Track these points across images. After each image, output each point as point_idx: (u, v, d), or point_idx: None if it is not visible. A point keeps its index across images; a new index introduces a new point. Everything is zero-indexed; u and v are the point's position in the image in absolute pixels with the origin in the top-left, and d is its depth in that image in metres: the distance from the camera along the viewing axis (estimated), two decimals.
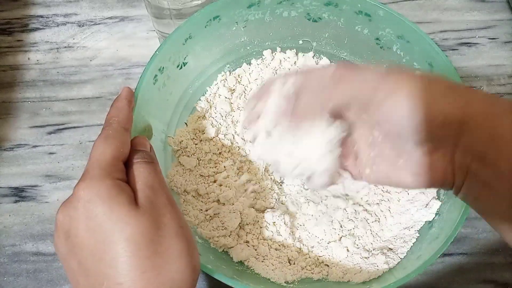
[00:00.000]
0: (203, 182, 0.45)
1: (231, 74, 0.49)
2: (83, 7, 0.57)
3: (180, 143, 0.45)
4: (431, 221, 0.42)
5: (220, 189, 0.45)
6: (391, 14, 0.43)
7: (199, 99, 0.48)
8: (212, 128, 0.46)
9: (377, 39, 0.46)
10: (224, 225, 0.43)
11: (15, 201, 0.48)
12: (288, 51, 0.50)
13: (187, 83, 0.46)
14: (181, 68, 0.44)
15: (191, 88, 0.47)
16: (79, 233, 0.28)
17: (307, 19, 0.47)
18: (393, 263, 0.42)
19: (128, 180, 0.30)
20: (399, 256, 0.42)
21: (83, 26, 0.56)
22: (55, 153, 0.50)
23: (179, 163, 0.45)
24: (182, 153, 0.45)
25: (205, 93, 0.48)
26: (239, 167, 0.46)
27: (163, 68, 0.41)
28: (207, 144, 0.46)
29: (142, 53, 0.54)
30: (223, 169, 0.45)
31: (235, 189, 0.45)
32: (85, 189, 0.28)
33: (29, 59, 0.54)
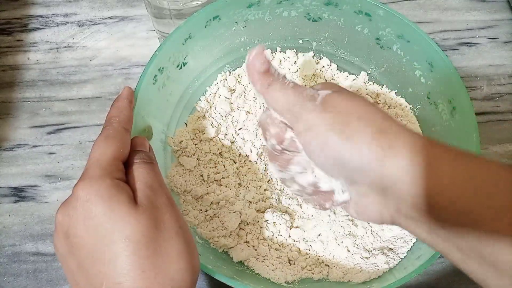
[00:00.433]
0: (203, 182, 0.45)
1: (231, 74, 0.49)
2: (83, 7, 0.57)
3: (180, 143, 0.45)
4: None
5: (220, 189, 0.44)
6: (391, 13, 0.43)
7: (199, 99, 0.48)
8: (212, 128, 0.46)
9: (377, 38, 0.46)
10: (224, 225, 0.43)
11: (15, 201, 0.48)
12: (288, 51, 0.50)
13: (187, 83, 0.46)
14: (181, 68, 0.44)
15: (191, 88, 0.47)
16: (78, 233, 0.28)
17: (307, 19, 0.47)
18: (394, 263, 0.42)
19: (127, 180, 0.30)
20: (400, 256, 0.42)
21: (83, 26, 0.56)
22: (54, 153, 0.50)
23: (179, 163, 0.45)
24: (182, 153, 0.45)
25: (205, 93, 0.48)
26: (239, 167, 0.46)
27: (162, 68, 0.41)
28: (207, 144, 0.46)
29: (142, 53, 0.54)
30: (223, 169, 0.45)
31: (235, 189, 0.45)
32: (84, 189, 0.28)
33: (29, 59, 0.54)
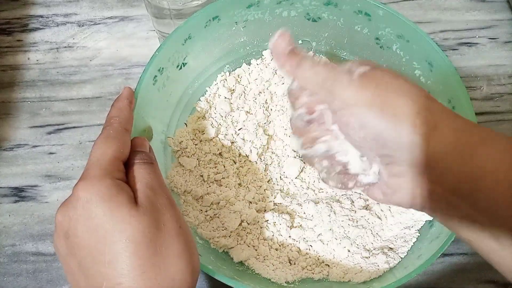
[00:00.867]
0: (203, 182, 0.45)
1: (230, 74, 0.49)
2: (83, 7, 0.57)
3: (180, 143, 0.45)
4: (432, 221, 0.42)
5: (220, 190, 0.44)
6: (390, 13, 0.43)
7: (199, 100, 0.48)
8: (212, 128, 0.46)
9: (377, 38, 0.46)
10: (224, 226, 0.43)
11: (15, 201, 0.48)
12: None
13: (186, 84, 0.46)
14: (180, 68, 0.44)
15: (191, 88, 0.47)
16: (79, 233, 0.28)
17: (307, 19, 0.47)
18: (394, 263, 0.42)
19: (127, 180, 0.30)
20: (400, 255, 0.42)
21: (83, 26, 0.56)
22: (55, 153, 0.50)
23: (179, 163, 0.45)
24: (182, 153, 0.45)
25: (204, 94, 0.48)
26: (239, 168, 0.46)
27: (162, 68, 0.41)
28: (207, 144, 0.46)
29: (142, 53, 0.54)
30: (223, 169, 0.45)
31: (235, 189, 0.45)
32: (84, 189, 0.28)
33: (29, 59, 0.54)
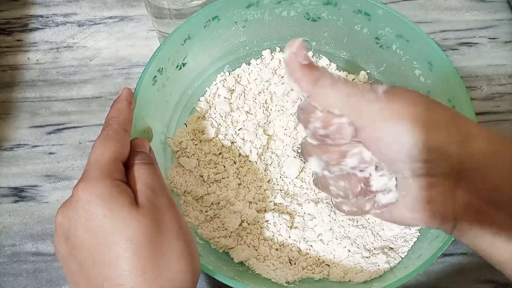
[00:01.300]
0: (203, 183, 0.45)
1: (230, 74, 0.49)
2: (83, 7, 0.57)
3: (179, 144, 0.45)
4: None
5: (220, 190, 0.44)
6: (390, 13, 0.43)
7: (199, 100, 0.48)
8: (211, 128, 0.46)
9: (377, 38, 0.46)
10: (224, 226, 0.43)
11: (15, 201, 0.48)
12: None
13: (186, 84, 0.46)
14: (180, 68, 0.44)
15: (191, 88, 0.47)
16: (79, 235, 0.28)
17: (306, 19, 0.47)
18: (394, 263, 0.42)
19: (128, 181, 0.30)
20: (400, 255, 0.42)
21: (83, 26, 0.56)
22: (54, 153, 0.50)
23: (179, 164, 0.45)
24: (182, 154, 0.45)
25: (204, 94, 0.48)
26: (239, 168, 0.46)
27: (162, 69, 0.41)
28: (207, 144, 0.46)
29: (142, 53, 0.54)
30: (223, 169, 0.45)
31: (235, 189, 0.45)
32: (84, 190, 0.28)
33: (28, 59, 0.54)
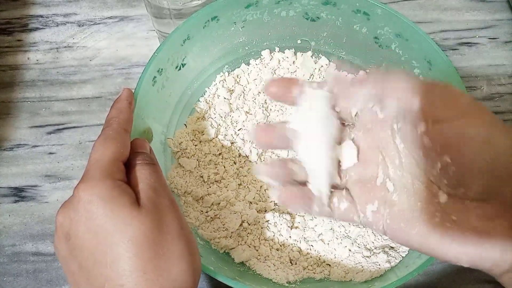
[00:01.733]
0: (203, 183, 0.45)
1: (229, 74, 0.49)
2: (83, 7, 0.57)
3: (179, 144, 0.45)
4: None
5: (220, 190, 0.45)
6: (389, 12, 0.43)
7: (198, 100, 0.48)
8: (211, 129, 0.46)
9: (376, 37, 0.46)
10: (225, 226, 0.43)
11: (15, 201, 0.48)
12: (286, 51, 0.50)
13: (186, 84, 0.46)
14: (179, 69, 0.44)
15: (190, 89, 0.47)
16: (80, 235, 0.28)
17: (305, 19, 0.47)
18: (395, 262, 0.42)
19: (129, 181, 0.30)
20: (401, 254, 0.42)
21: (83, 26, 0.56)
22: (54, 153, 0.50)
23: (179, 164, 0.45)
24: (181, 154, 0.45)
25: (204, 94, 0.48)
26: (239, 168, 0.46)
27: (161, 69, 0.41)
28: (207, 145, 0.46)
29: (142, 53, 0.54)
30: (223, 170, 0.45)
31: (235, 190, 0.45)
32: (85, 190, 0.28)
33: (28, 59, 0.54)
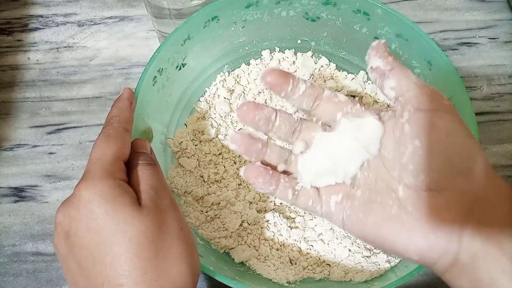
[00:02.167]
0: (203, 183, 0.45)
1: (230, 74, 0.49)
2: (83, 7, 0.57)
3: (179, 144, 0.45)
4: None
5: (220, 190, 0.45)
6: (389, 12, 0.43)
7: (198, 100, 0.48)
8: (211, 129, 0.46)
9: (376, 37, 0.46)
10: (225, 226, 0.43)
11: (15, 201, 0.48)
12: (286, 51, 0.50)
13: (186, 84, 0.46)
14: (180, 69, 0.44)
15: (190, 89, 0.47)
16: (80, 233, 0.28)
17: (306, 19, 0.47)
18: (395, 262, 0.42)
19: (130, 181, 0.30)
20: None
21: (83, 26, 0.56)
22: (54, 153, 0.50)
23: (179, 164, 0.45)
24: (182, 154, 0.45)
25: (204, 94, 0.48)
26: (239, 168, 0.46)
27: (162, 69, 0.41)
28: (207, 145, 0.46)
29: (142, 53, 0.54)
30: (223, 170, 0.45)
31: (235, 190, 0.45)
32: (86, 189, 0.28)
33: (28, 59, 0.54)
